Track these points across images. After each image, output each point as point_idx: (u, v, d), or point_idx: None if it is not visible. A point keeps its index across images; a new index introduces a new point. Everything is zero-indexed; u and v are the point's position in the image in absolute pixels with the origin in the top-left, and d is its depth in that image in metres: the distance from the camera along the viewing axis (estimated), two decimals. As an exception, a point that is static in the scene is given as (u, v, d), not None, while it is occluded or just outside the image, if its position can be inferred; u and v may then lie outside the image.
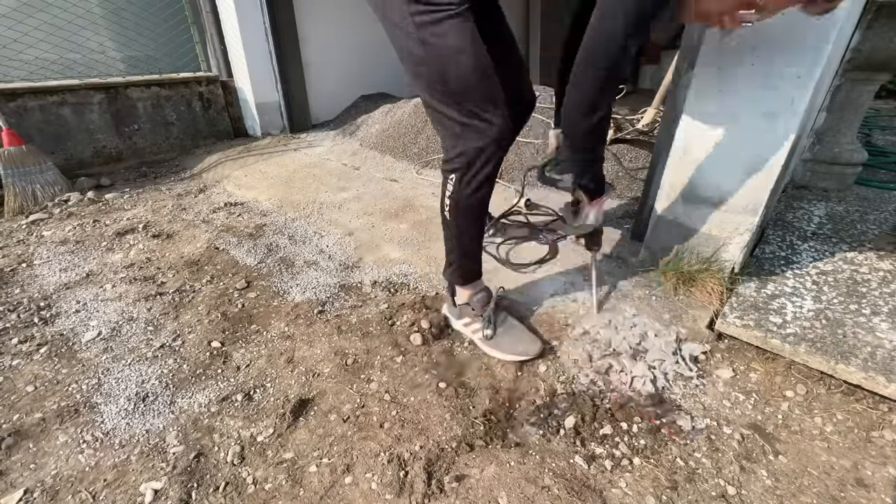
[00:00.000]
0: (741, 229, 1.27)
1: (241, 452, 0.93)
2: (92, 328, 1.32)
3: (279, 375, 1.14)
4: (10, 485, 0.87)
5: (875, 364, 1.02)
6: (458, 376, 1.13)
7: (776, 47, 1.06)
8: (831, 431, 0.97)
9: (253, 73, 3.15)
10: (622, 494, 0.85)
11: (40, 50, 2.53)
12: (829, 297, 1.26)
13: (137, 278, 1.58)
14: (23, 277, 1.59)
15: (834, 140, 2.01)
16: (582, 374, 1.12)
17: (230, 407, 1.05)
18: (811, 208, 1.86)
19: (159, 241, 1.86)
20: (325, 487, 0.86)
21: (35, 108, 2.48)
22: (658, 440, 0.95)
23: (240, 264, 1.66)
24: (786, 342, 1.10)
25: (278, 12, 3.08)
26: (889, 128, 3.34)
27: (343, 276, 1.58)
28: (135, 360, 1.20)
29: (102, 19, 2.77)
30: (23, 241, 1.87)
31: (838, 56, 1.37)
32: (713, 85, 1.17)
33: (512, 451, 0.93)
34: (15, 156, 2.16)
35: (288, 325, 1.33)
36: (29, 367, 1.18)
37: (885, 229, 1.64)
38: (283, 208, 2.11)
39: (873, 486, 0.85)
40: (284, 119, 3.43)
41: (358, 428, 0.99)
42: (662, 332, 1.23)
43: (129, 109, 2.84)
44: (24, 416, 1.02)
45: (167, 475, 0.89)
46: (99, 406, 1.05)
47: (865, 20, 1.59)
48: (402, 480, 0.87)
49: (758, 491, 0.85)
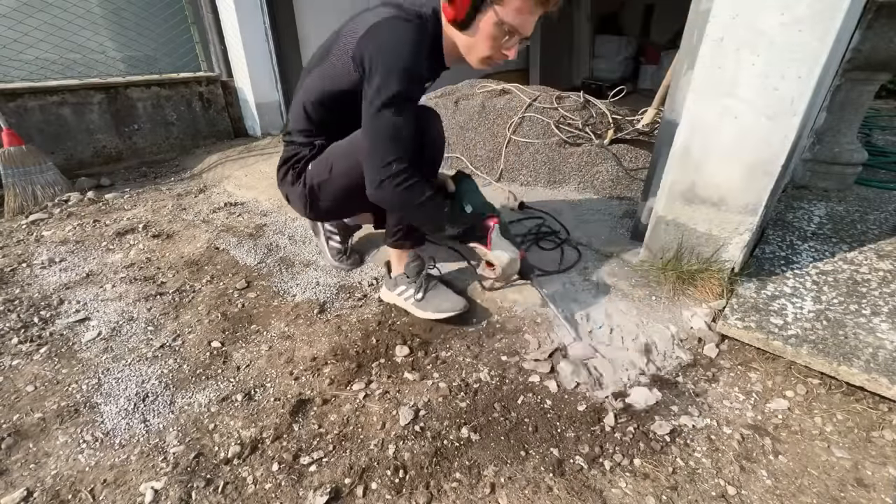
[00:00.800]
0: (741, 229, 1.27)
1: (240, 452, 0.93)
2: (92, 328, 1.32)
3: (279, 375, 1.14)
4: (11, 485, 0.87)
5: (877, 365, 1.02)
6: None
7: (776, 47, 1.06)
8: (831, 431, 0.96)
9: (253, 73, 3.15)
10: (622, 494, 0.85)
11: (40, 50, 2.53)
12: (829, 298, 1.26)
13: (137, 278, 1.58)
14: (23, 277, 1.59)
15: (834, 140, 2.01)
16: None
17: (230, 407, 1.05)
18: (811, 208, 1.86)
19: (159, 241, 1.86)
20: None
21: (35, 108, 2.48)
22: (658, 440, 0.95)
23: (240, 264, 1.66)
24: (787, 344, 1.10)
25: (278, 12, 3.08)
26: (889, 128, 3.34)
27: (343, 275, 1.58)
28: (135, 360, 1.20)
29: (102, 19, 2.77)
30: (23, 241, 1.87)
31: (838, 56, 1.37)
32: (713, 85, 1.17)
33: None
34: (15, 156, 2.16)
35: (288, 324, 1.33)
36: (29, 367, 1.18)
37: (885, 229, 1.64)
38: (283, 208, 2.11)
39: (873, 486, 0.85)
40: (284, 119, 3.42)
41: (359, 427, 0.99)
42: (662, 332, 1.23)
43: (129, 109, 2.83)
44: (24, 416, 1.02)
45: (167, 475, 0.89)
46: (99, 406, 1.05)
47: (865, 20, 1.59)
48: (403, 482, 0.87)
49: (758, 491, 0.85)
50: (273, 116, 3.38)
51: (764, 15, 1.05)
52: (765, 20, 1.05)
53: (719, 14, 1.11)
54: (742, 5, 1.07)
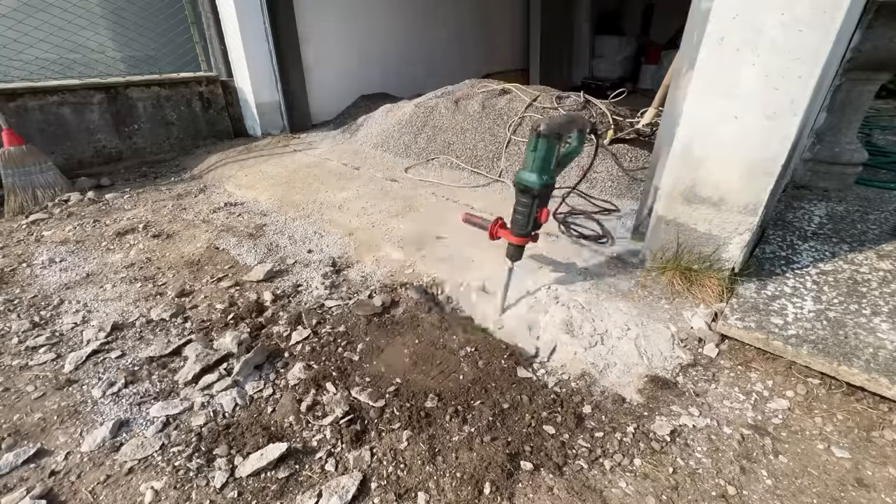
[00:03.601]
0: (741, 229, 1.27)
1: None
2: (92, 327, 1.32)
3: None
4: (10, 486, 0.87)
5: (877, 365, 1.02)
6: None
7: (777, 47, 1.06)
8: (831, 431, 0.96)
9: (253, 73, 3.14)
10: (622, 494, 0.85)
11: (40, 50, 2.53)
12: (829, 298, 1.25)
13: (137, 278, 1.58)
14: (23, 277, 1.59)
15: (834, 140, 2.01)
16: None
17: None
18: (811, 208, 1.86)
19: (159, 241, 1.86)
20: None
21: (35, 108, 2.48)
22: (658, 440, 0.95)
23: (240, 264, 1.66)
24: (788, 344, 1.10)
25: (278, 12, 3.08)
26: (889, 128, 3.34)
27: (343, 275, 1.58)
28: (135, 360, 1.20)
29: (102, 19, 2.77)
30: (23, 241, 1.87)
31: (838, 56, 1.36)
32: (713, 84, 1.17)
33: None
34: (15, 156, 2.16)
35: (288, 323, 1.33)
36: (29, 366, 1.17)
37: (886, 229, 1.64)
38: (283, 208, 2.11)
39: (873, 486, 0.85)
40: (284, 119, 3.42)
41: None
42: (662, 332, 1.23)
43: (129, 109, 2.83)
44: (25, 416, 1.02)
45: (167, 475, 0.89)
46: (99, 406, 1.05)
47: (865, 20, 1.59)
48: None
49: (758, 491, 0.85)
50: (273, 116, 3.38)
51: (764, 15, 1.05)
52: (765, 20, 1.05)
53: (720, 14, 1.11)
54: (742, 5, 1.07)
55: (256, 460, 0.90)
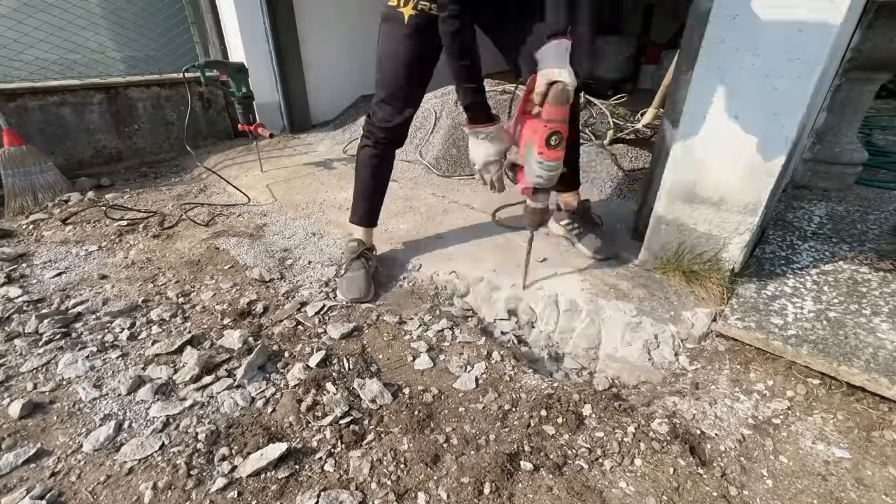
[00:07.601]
0: (741, 229, 1.27)
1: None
2: (92, 327, 1.32)
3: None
4: (10, 486, 0.87)
5: (877, 366, 1.02)
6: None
7: (777, 47, 1.06)
8: (831, 431, 0.96)
9: (253, 73, 3.13)
10: (623, 495, 0.85)
11: (40, 50, 2.53)
12: (829, 298, 1.25)
13: (137, 278, 1.58)
14: (23, 277, 1.59)
15: (834, 140, 2.01)
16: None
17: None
18: (811, 208, 1.86)
19: (159, 241, 1.86)
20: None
21: (35, 108, 2.47)
22: (658, 440, 0.95)
23: (240, 264, 1.66)
24: (788, 344, 1.10)
25: (278, 12, 3.08)
26: (889, 128, 3.34)
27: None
28: (135, 360, 1.20)
29: (102, 19, 2.77)
30: (23, 241, 1.87)
31: (838, 56, 1.37)
32: (713, 85, 1.17)
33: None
34: (15, 156, 2.15)
35: (289, 322, 1.33)
36: (29, 366, 1.17)
37: (886, 229, 1.64)
38: (283, 208, 2.11)
39: (873, 486, 0.85)
40: (284, 119, 3.42)
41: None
42: (662, 332, 1.23)
43: (129, 109, 2.83)
44: (25, 416, 1.02)
45: (168, 475, 0.89)
46: (99, 405, 1.05)
47: (865, 20, 1.59)
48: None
49: (759, 491, 0.85)
50: (273, 116, 3.37)
51: (764, 15, 1.05)
52: (765, 20, 1.05)
53: (719, 14, 1.11)
54: (742, 5, 1.07)
55: (257, 460, 0.90)
